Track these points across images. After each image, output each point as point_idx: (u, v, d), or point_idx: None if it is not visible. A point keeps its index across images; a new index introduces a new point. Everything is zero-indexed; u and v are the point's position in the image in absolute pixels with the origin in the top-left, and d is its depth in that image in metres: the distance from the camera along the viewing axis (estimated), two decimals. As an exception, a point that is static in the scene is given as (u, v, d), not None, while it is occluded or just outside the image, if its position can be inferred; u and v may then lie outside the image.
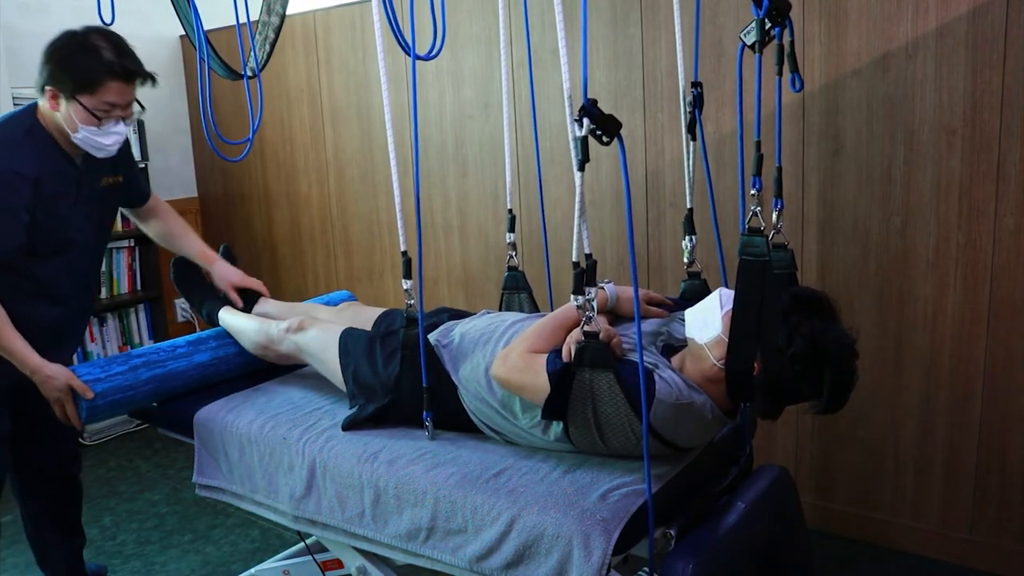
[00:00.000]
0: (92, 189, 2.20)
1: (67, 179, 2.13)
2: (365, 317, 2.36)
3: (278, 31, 2.82)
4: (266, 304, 2.57)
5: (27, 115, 2.11)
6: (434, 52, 2.20)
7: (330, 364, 2.15)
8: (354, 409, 2.04)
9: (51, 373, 2.07)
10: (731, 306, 1.66)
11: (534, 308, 2.39)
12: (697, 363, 1.75)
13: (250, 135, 2.70)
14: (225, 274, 2.50)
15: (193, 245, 2.54)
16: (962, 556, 2.53)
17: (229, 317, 2.45)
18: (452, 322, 2.12)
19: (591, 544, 1.54)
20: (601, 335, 1.62)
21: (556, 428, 1.77)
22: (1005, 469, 2.44)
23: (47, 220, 2.09)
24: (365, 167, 3.75)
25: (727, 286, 1.88)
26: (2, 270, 2.07)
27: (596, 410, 1.66)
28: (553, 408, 1.71)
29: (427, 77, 3.41)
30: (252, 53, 2.77)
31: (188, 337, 2.40)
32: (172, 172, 4.43)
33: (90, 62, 2.00)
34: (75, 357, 3.78)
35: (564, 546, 1.57)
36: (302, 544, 2.31)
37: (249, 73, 2.84)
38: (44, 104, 2.06)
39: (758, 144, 1.70)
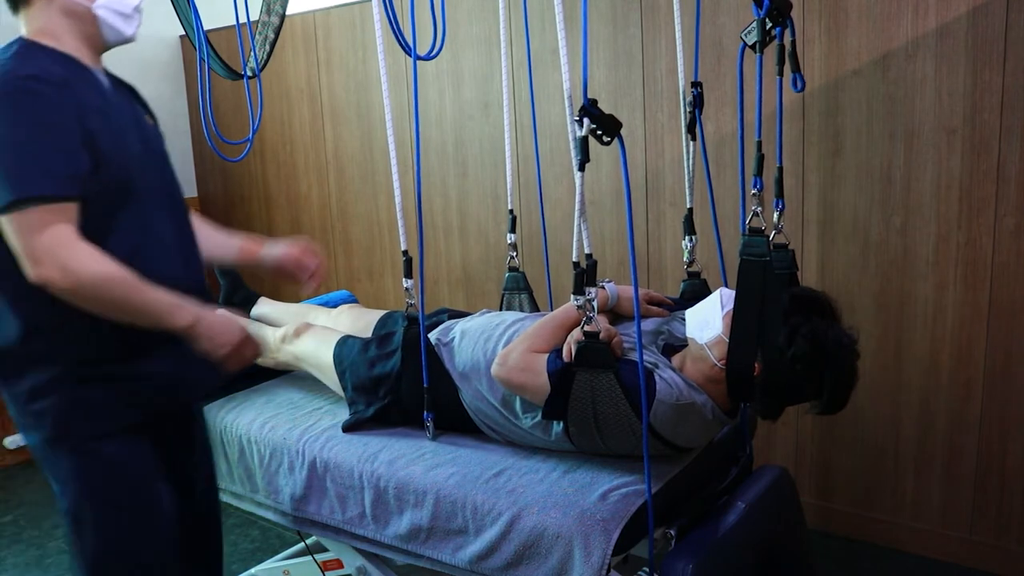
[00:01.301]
0: (133, 118, 1.59)
1: (100, 93, 1.52)
2: (364, 321, 2.35)
3: (278, 31, 2.82)
4: (264, 306, 2.57)
5: (13, 42, 1.50)
6: (434, 52, 2.20)
7: (327, 373, 2.14)
8: (354, 413, 2.04)
9: (222, 325, 1.51)
10: (732, 306, 1.66)
11: (535, 309, 2.39)
12: (697, 363, 1.75)
13: (250, 135, 2.70)
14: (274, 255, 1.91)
15: (235, 238, 1.90)
16: (962, 556, 2.53)
17: None
18: (452, 321, 2.12)
19: (591, 544, 1.54)
20: (601, 335, 1.62)
21: (556, 428, 1.77)
22: (1005, 469, 2.44)
23: (105, 134, 1.46)
24: (365, 167, 3.75)
25: (727, 286, 1.88)
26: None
27: (596, 410, 1.66)
28: (553, 408, 1.71)
29: (427, 77, 3.41)
30: (252, 53, 2.77)
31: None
32: (172, 172, 4.43)
33: None
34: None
35: (564, 546, 1.57)
36: (302, 544, 2.31)
37: (249, 73, 2.84)
38: (29, 20, 1.51)
39: (759, 144, 1.70)
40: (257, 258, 1.89)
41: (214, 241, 1.86)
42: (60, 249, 1.36)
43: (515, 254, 2.42)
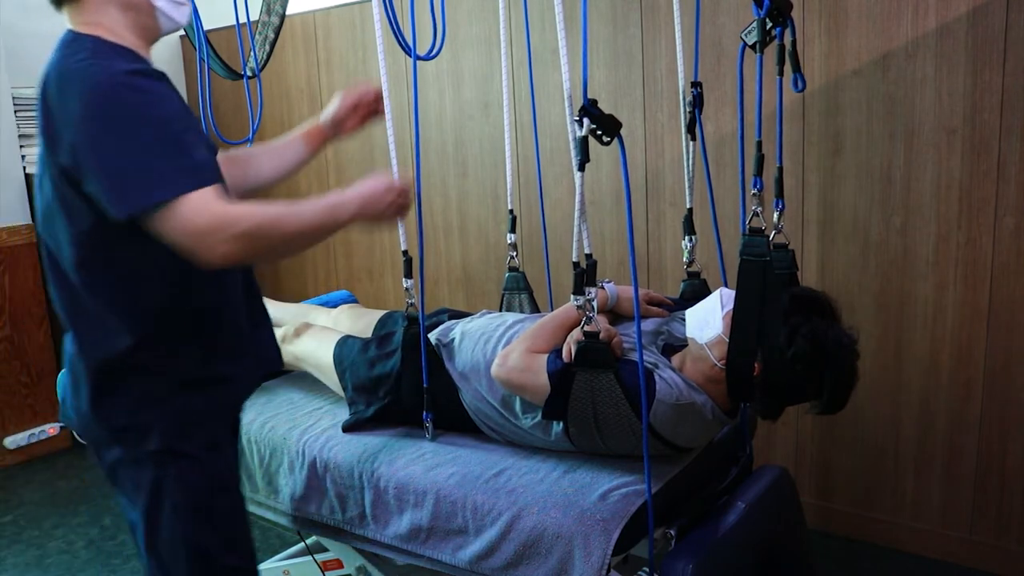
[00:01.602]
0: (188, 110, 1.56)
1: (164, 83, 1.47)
2: (364, 321, 2.35)
3: (278, 31, 2.83)
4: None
5: (80, 39, 1.42)
6: (434, 52, 2.20)
7: (327, 373, 2.14)
8: (354, 413, 2.04)
9: (371, 188, 1.51)
10: (731, 306, 1.66)
11: (535, 309, 2.39)
12: (697, 363, 1.75)
13: (250, 135, 2.70)
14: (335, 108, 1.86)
15: (292, 135, 1.88)
16: (962, 556, 2.53)
17: None
18: (452, 321, 2.12)
19: (591, 544, 1.54)
20: (601, 335, 1.62)
21: (556, 428, 1.77)
22: (1005, 469, 2.44)
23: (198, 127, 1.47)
24: (365, 167, 3.75)
25: (727, 286, 1.88)
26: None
27: (596, 410, 1.66)
28: (553, 408, 1.71)
29: (427, 77, 3.41)
30: (252, 53, 2.78)
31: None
32: (172, 172, 4.43)
33: None
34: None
35: (564, 546, 1.57)
36: (302, 544, 2.31)
37: (249, 73, 2.85)
38: (79, 13, 1.43)
39: (759, 144, 1.70)
40: (322, 129, 1.86)
41: (281, 152, 1.86)
42: (218, 222, 1.32)
43: (515, 254, 2.42)
